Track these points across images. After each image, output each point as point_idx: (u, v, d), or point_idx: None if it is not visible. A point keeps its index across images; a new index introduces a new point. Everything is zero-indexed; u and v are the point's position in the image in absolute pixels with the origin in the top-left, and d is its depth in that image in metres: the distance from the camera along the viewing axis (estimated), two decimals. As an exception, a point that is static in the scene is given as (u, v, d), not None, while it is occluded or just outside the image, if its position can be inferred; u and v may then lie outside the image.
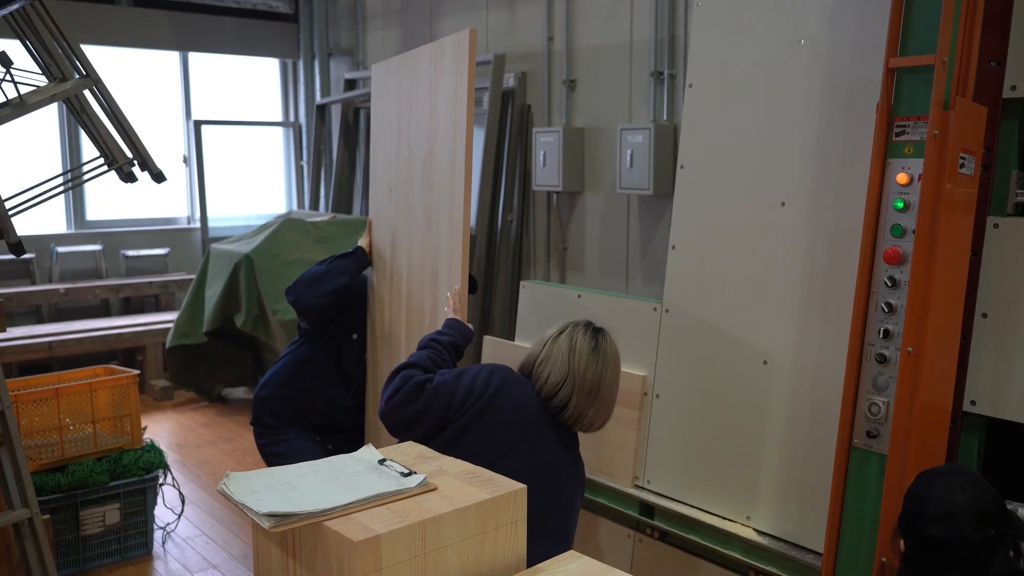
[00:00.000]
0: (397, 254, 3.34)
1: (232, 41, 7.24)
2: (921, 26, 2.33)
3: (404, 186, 3.33)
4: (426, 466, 1.97)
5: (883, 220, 2.37)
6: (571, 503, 2.39)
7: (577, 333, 2.39)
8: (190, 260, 6.98)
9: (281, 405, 3.29)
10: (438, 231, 3.09)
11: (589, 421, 2.39)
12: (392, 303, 3.36)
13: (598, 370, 2.34)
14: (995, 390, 2.49)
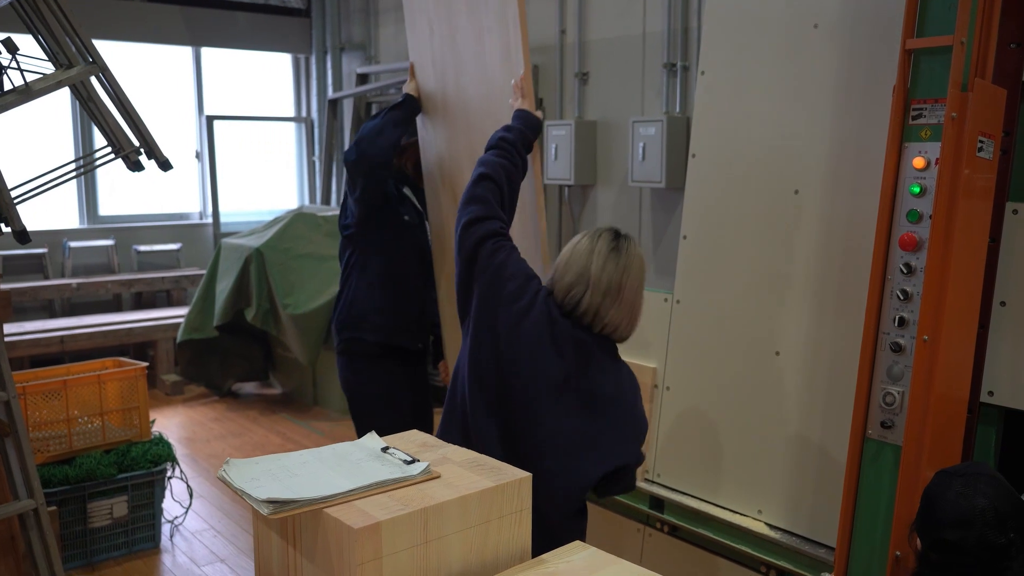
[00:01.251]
0: (448, 92, 3.18)
1: (245, 36, 7.24)
2: (939, 6, 2.28)
3: (445, 15, 3.14)
4: (430, 454, 1.94)
5: (899, 205, 2.32)
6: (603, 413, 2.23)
7: (599, 236, 2.25)
8: (202, 255, 6.98)
9: (376, 334, 3.19)
10: (490, 42, 2.90)
11: (612, 323, 2.20)
12: (453, 143, 3.21)
13: (617, 270, 2.19)
14: (1013, 380, 2.43)
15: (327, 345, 5.27)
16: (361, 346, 3.21)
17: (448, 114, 3.19)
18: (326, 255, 5.47)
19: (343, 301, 3.25)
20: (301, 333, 5.20)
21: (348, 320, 3.22)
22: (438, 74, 3.19)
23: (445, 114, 3.20)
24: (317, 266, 5.41)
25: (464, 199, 2.39)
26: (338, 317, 3.26)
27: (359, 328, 3.20)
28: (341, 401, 5.47)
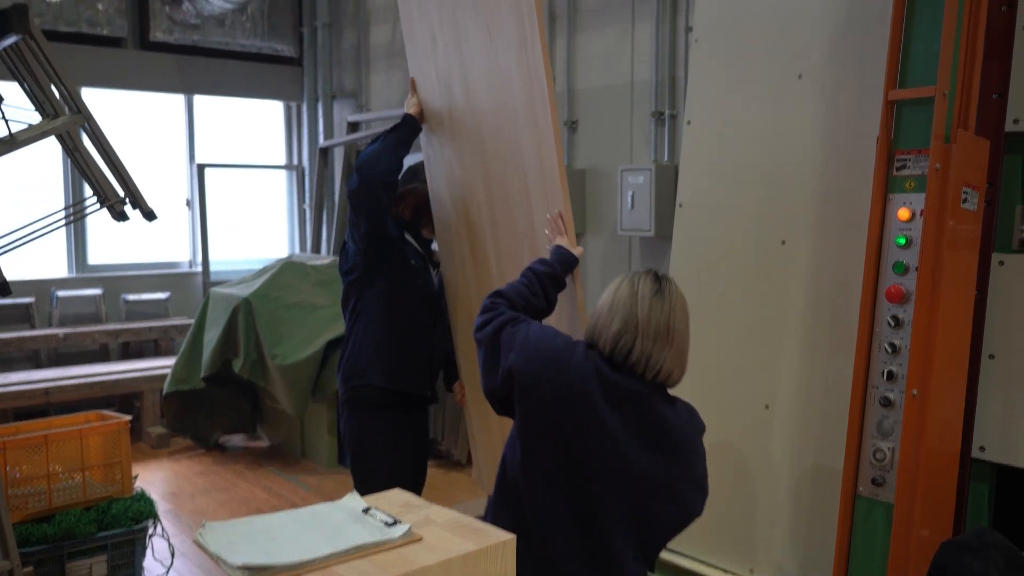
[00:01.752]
0: (457, 103, 3.00)
1: (237, 84, 7.27)
2: (921, 58, 2.29)
3: (450, 21, 2.95)
4: (412, 515, 1.89)
5: (885, 257, 2.31)
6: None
7: (639, 280, 2.12)
8: (191, 304, 6.94)
9: (382, 378, 3.09)
10: (503, 43, 2.70)
11: (666, 369, 2.06)
12: (464, 157, 3.05)
13: (664, 312, 2.06)
14: (1005, 435, 2.40)
15: (315, 396, 5.21)
16: (369, 393, 3.14)
17: (457, 127, 3.06)
18: (316, 304, 5.43)
19: (350, 349, 3.16)
20: (289, 384, 5.14)
21: (356, 368, 3.13)
22: (443, 87, 3.07)
23: (453, 128, 3.08)
24: (306, 316, 5.37)
25: (476, 319, 2.30)
26: (345, 366, 3.17)
27: (366, 375, 3.12)
28: (329, 454, 5.40)
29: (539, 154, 2.63)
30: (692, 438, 2.09)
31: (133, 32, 6.73)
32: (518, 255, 2.82)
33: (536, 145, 2.63)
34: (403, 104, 3.29)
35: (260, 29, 7.24)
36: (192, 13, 6.58)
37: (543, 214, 2.66)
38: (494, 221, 2.95)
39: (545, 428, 2.07)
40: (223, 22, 7.00)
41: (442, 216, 3.28)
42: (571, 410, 2.04)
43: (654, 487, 2.04)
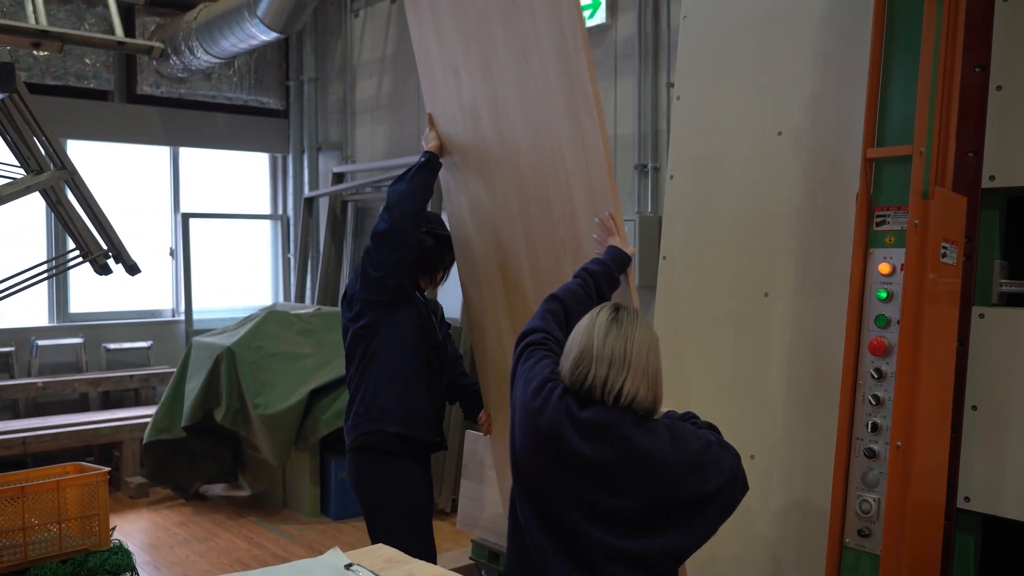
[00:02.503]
0: (486, 131, 3.01)
1: (223, 136, 7.32)
2: (897, 116, 2.35)
3: (480, 55, 2.96)
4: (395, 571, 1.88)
5: (867, 311, 2.34)
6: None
7: (597, 313, 2.15)
8: (173, 353, 6.89)
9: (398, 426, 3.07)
10: (538, 61, 2.72)
11: (629, 393, 2.06)
12: (492, 182, 3.04)
13: (619, 339, 2.07)
14: (989, 486, 2.41)
15: (298, 445, 5.17)
16: (384, 440, 3.10)
17: (485, 154, 3.07)
18: (299, 353, 5.41)
19: (361, 395, 3.10)
20: (271, 433, 5.10)
21: (370, 414, 3.07)
22: (470, 116, 3.07)
23: (480, 155, 3.09)
24: (289, 365, 5.35)
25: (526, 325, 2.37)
26: (356, 413, 3.11)
27: (380, 422, 3.07)
28: (312, 503, 5.34)
29: (586, 162, 2.66)
30: (671, 462, 2.05)
31: (120, 85, 6.79)
32: (560, 268, 2.85)
33: (582, 154, 2.67)
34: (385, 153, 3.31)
35: (247, 83, 7.32)
36: (179, 67, 6.64)
37: (588, 222, 2.69)
38: (531, 240, 2.98)
39: (534, 474, 2.10)
40: (210, 76, 7.07)
41: (466, 245, 3.29)
42: (549, 452, 2.07)
43: (642, 518, 2.04)
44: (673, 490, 2.04)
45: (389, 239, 3.00)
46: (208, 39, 6.16)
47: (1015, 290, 2.44)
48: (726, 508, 2.12)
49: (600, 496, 2.04)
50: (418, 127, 6.36)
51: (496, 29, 2.88)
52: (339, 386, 5.21)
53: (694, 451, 2.09)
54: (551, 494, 2.08)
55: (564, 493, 2.06)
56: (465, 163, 3.18)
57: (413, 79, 6.41)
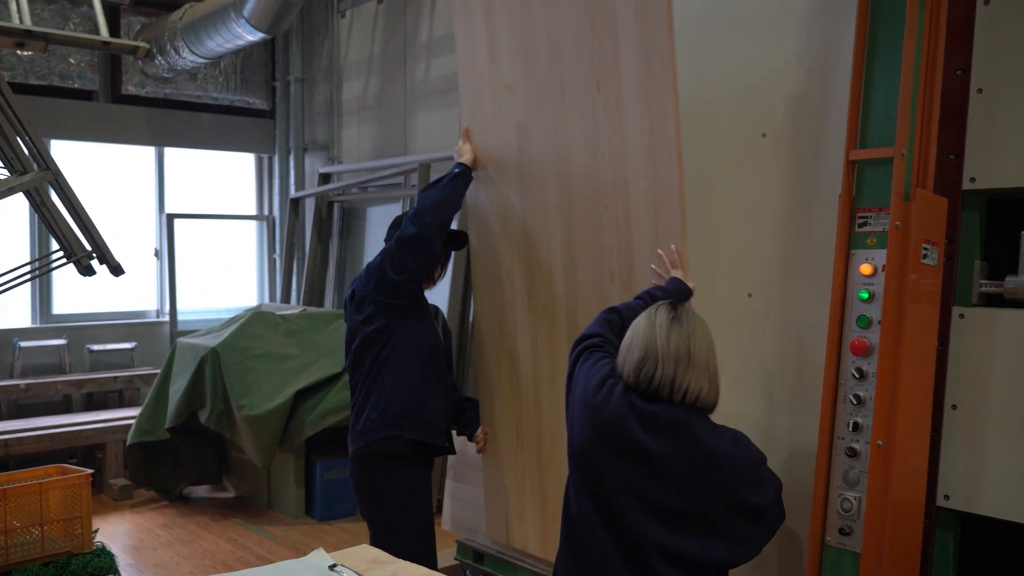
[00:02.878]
0: (533, 148, 3.07)
1: (209, 137, 7.30)
2: (879, 119, 2.37)
3: (548, 75, 3.01)
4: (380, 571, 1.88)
5: (849, 311, 2.36)
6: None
7: (655, 312, 2.19)
8: (158, 354, 6.86)
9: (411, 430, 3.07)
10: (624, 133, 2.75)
11: (694, 391, 2.11)
12: (532, 197, 3.09)
13: (683, 336, 2.12)
14: (969, 484, 2.43)
15: (283, 447, 5.15)
16: (399, 446, 3.09)
17: (527, 172, 3.13)
18: (285, 354, 5.39)
19: (374, 400, 3.08)
20: (256, 435, 5.08)
21: (384, 420, 3.07)
22: (519, 133, 3.13)
23: (523, 172, 3.14)
24: (275, 366, 5.33)
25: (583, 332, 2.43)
26: (368, 418, 3.09)
27: (396, 428, 3.06)
28: (296, 504, 5.32)
29: (655, 197, 2.71)
30: (735, 463, 2.10)
31: (104, 85, 6.76)
32: (603, 295, 2.88)
33: (652, 188, 2.71)
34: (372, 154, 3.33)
35: (233, 83, 7.29)
36: (165, 67, 6.61)
37: (646, 254, 2.73)
38: (571, 264, 3.02)
39: (597, 467, 2.14)
40: (195, 76, 7.04)
41: (490, 261, 3.34)
42: (612, 444, 2.11)
43: (699, 518, 2.07)
44: (734, 494, 2.08)
45: (416, 245, 3.00)
46: (194, 39, 6.14)
47: (994, 291, 2.47)
48: (771, 530, 2.16)
49: (661, 492, 2.08)
50: (405, 128, 6.37)
51: (566, 53, 2.95)
52: (325, 387, 5.20)
53: (755, 459, 2.16)
54: (613, 487, 2.12)
55: (626, 486, 2.10)
56: (503, 179, 3.24)
57: (400, 79, 6.41)
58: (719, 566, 2.12)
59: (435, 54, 6.14)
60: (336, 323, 5.65)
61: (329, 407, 5.12)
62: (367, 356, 3.12)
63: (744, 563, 2.14)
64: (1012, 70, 2.46)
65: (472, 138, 3.29)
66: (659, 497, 2.07)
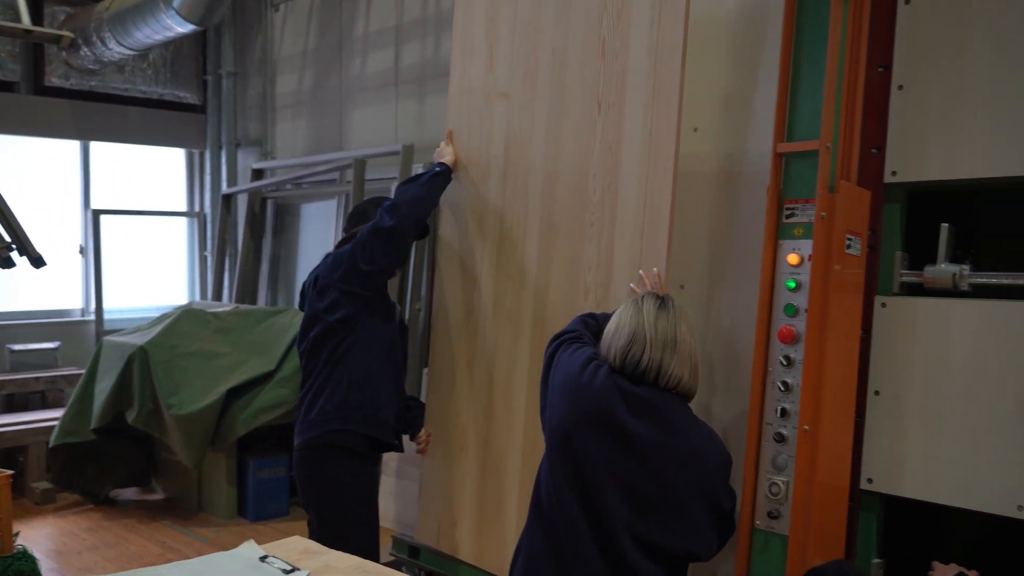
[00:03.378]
0: (517, 166, 3.16)
1: (137, 131, 7.11)
2: (806, 113, 2.43)
3: (547, 89, 3.10)
4: (312, 561, 1.86)
5: (776, 300, 2.41)
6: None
7: (642, 300, 2.28)
8: (83, 354, 6.65)
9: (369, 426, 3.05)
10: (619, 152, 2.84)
11: (676, 376, 2.20)
12: (515, 199, 3.17)
13: (669, 323, 2.21)
14: (891, 467, 2.51)
15: (214, 446, 5.05)
16: (351, 440, 3.04)
17: (512, 183, 3.20)
18: (216, 352, 5.28)
19: (331, 391, 3.05)
20: (186, 434, 4.97)
21: (340, 412, 3.03)
22: (506, 142, 3.22)
23: (506, 183, 3.21)
24: (205, 364, 5.22)
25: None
26: (322, 409, 3.05)
27: (350, 421, 3.03)
28: (228, 505, 5.22)
29: (644, 221, 2.77)
30: (711, 459, 2.18)
31: (27, 76, 6.53)
32: (573, 308, 2.93)
33: (643, 211, 2.78)
34: (307, 150, 3.31)
35: (162, 76, 7.13)
36: (90, 59, 6.43)
37: (625, 273, 2.79)
38: (545, 275, 3.07)
39: (582, 444, 2.18)
40: (123, 68, 6.86)
41: (459, 265, 3.38)
42: (598, 424, 2.17)
43: (671, 506, 2.14)
44: (708, 491, 2.16)
45: (390, 237, 3.00)
46: (121, 30, 5.98)
47: (915, 280, 2.55)
48: (724, 539, 2.26)
49: (640, 476, 2.13)
50: (340, 123, 6.30)
51: (570, 71, 3.02)
52: (257, 385, 5.11)
53: (727, 459, 2.24)
54: (594, 467, 2.16)
55: (607, 466, 2.15)
56: (484, 184, 3.30)
57: (335, 74, 6.35)
58: (684, 557, 2.18)
59: (371, 48, 6.10)
60: (269, 321, 5.56)
61: (262, 405, 5.03)
62: (326, 346, 3.08)
63: (704, 560, 2.20)
64: (931, 67, 2.55)
65: (455, 142, 3.36)
66: (637, 481, 2.13)
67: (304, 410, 3.10)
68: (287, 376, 5.09)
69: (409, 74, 5.81)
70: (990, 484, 2.36)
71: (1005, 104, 2.41)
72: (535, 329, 3.07)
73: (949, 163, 2.50)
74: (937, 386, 2.46)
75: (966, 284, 2.47)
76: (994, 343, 2.38)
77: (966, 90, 2.48)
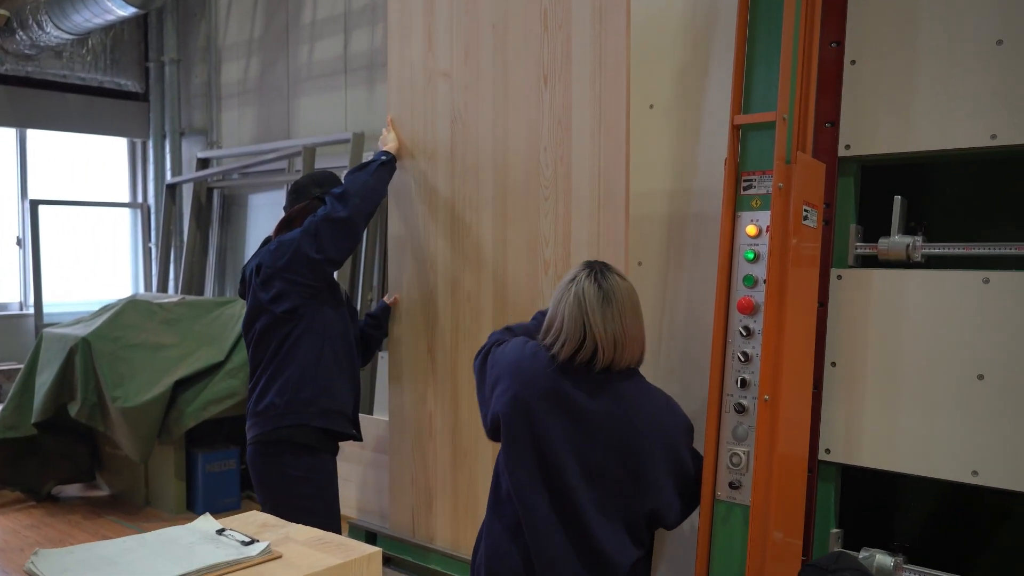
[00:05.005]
0: (465, 144, 3.14)
1: (76, 119, 6.92)
2: (762, 85, 2.44)
3: (480, 74, 3.07)
4: (270, 534, 1.81)
5: (735, 271, 2.41)
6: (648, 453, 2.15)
7: (582, 288, 2.17)
8: (21, 349, 6.46)
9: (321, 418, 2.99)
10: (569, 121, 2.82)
11: (627, 360, 2.19)
12: (463, 184, 3.14)
13: (615, 318, 2.15)
14: (848, 437, 2.54)
15: (161, 440, 4.92)
16: (304, 435, 2.96)
17: (460, 164, 3.17)
18: (161, 344, 5.15)
19: (280, 385, 2.96)
20: (132, 428, 4.83)
21: (291, 406, 2.94)
22: (450, 122, 3.20)
23: (455, 164, 3.19)
24: (151, 356, 5.08)
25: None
26: (272, 403, 2.96)
27: (303, 415, 2.95)
28: (177, 499, 5.10)
29: (597, 187, 2.76)
30: (666, 424, 2.20)
31: (-41, 60, 6.33)
32: (535, 284, 2.93)
33: (596, 182, 2.76)
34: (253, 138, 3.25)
35: (102, 63, 6.94)
36: (26, 43, 6.23)
37: (584, 246, 2.79)
38: (503, 252, 3.05)
39: (527, 433, 2.18)
40: (61, 54, 6.67)
41: (414, 250, 3.34)
42: (551, 402, 2.16)
43: (630, 475, 2.14)
44: (669, 450, 2.18)
45: (343, 227, 2.95)
46: (59, 12, 5.80)
47: (868, 252, 2.58)
48: (690, 501, 2.28)
49: (597, 452, 2.14)
50: (288, 111, 6.20)
51: (512, 46, 2.99)
52: (206, 377, 5.00)
53: (686, 423, 2.26)
54: (551, 441, 2.16)
55: (566, 442, 2.15)
56: (431, 166, 3.26)
57: (282, 62, 6.24)
58: (649, 523, 2.19)
59: (319, 36, 6.01)
60: (217, 311, 5.44)
61: (211, 397, 4.92)
62: (273, 337, 2.99)
63: (670, 525, 2.22)
64: (882, 43, 2.58)
65: (397, 127, 3.32)
66: (595, 455, 2.14)
67: (253, 403, 3.03)
68: (236, 367, 4.98)
69: (358, 61, 5.74)
70: (945, 451, 2.40)
71: (955, 78, 2.45)
72: (496, 307, 3.04)
73: (901, 136, 2.54)
74: (892, 356, 2.49)
75: (919, 255, 2.51)
76: (947, 313, 2.42)
77: (917, 65, 2.52)
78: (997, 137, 2.39)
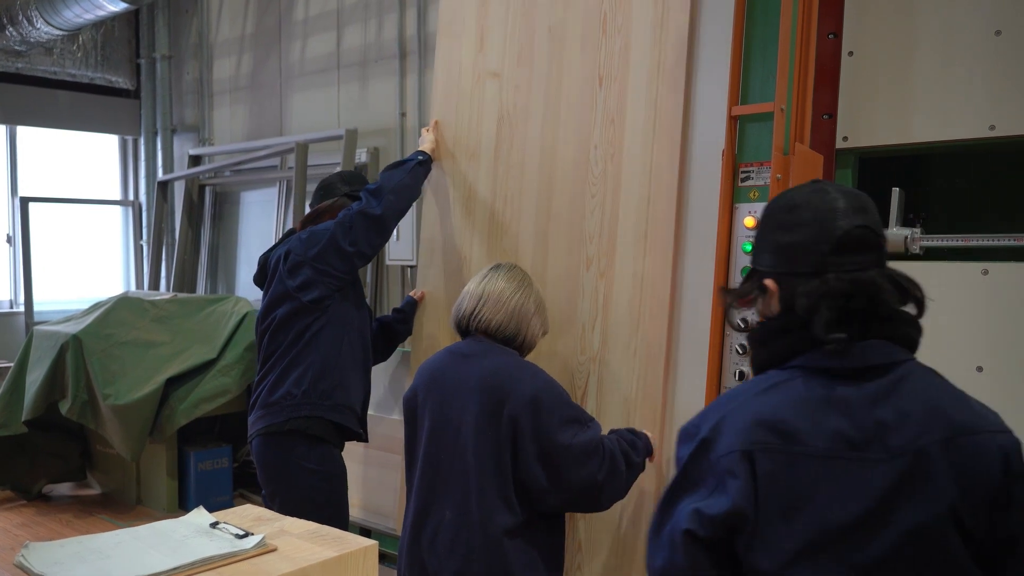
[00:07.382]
0: (512, 143, 3.15)
1: (67, 116, 6.87)
2: (759, 75, 2.43)
3: (533, 74, 3.09)
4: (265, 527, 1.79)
5: (733, 263, 2.40)
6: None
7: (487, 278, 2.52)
8: (12, 347, 6.41)
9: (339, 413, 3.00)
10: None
11: (485, 319, 2.45)
12: (504, 184, 3.16)
13: (487, 282, 2.49)
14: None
15: (153, 438, 4.89)
16: (319, 427, 2.93)
17: (505, 162, 3.19)
18: (154, 341, 5.11)
19: (298, 375, 2.94)
20: (124, 426, 4.79)
21: (308, 397, 2.93)
22: (498, 121, 3.21)
23: (499, 162, 3.21)
24: (142, 353, 5.04)
25: None
26: (289, 392, 2.94)
27: (319, 407, 2.94)
28: (169, 498, 5.06)
29: (648, 188, 2.77)
30: (507, 389, 2.29)
31: (-53, 57, 6.28)
32: (575, 281, 2.95)
33: (646, 180, 2.78)
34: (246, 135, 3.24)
35: (93, 59, 6.90)
36: (16, 39, 6.18)
37: (632, 243, 2.80)
38: (544, 251, 3.04)
39: (434, 409, 2.43)
40: (51, 50, 6.61)
41: (443, 246, 3.34)
42: (444, 386, 2.41)
43: (503, 444, 2.27)
44: (539, 433, 2.27)
45: (377, 223, 2.96)
46: (49, 8, 5.76)
47: (866, 244, 2.56)
48: (575, 468, 2.31)
49: (477, 419, 2.30)
50: (281, 108, 6.16)
51: (569, 48, 3.01)
52: (198, 374, 4.96)
53: (534, 394, 2.29)
54: (452, 414, 2.37)
55: (461, 412, 2.35)
56: (472, 168, 3.26)
57: (275, 58, 6.21)
58: (530, 499, 2.29)
59: (312, 32, 5.98)
60: (210, 308, 5.40)
61: (204, 395, 4.88)
62: (294, 326, 2.97)
63: (551, 503, 2.31)
64: (880, 35, 2.57)
65: (439, 129, 3.34)
66: (475, 421, 2.30)
67: (265, 392, 2.99)
68: (229, 364, 4.95)
69: (351, 57, 5.71)
70: (943, 443, 2.38)
71: (953, 69, 2.44)
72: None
73: (899, 128, 2.53)
74: (890, 349, 2.48)
75: (918, 247, 2.50)
76: (945, 305, 2.41)
77: (915, 56, 2.51)
78: (996, 128, 2.38)
